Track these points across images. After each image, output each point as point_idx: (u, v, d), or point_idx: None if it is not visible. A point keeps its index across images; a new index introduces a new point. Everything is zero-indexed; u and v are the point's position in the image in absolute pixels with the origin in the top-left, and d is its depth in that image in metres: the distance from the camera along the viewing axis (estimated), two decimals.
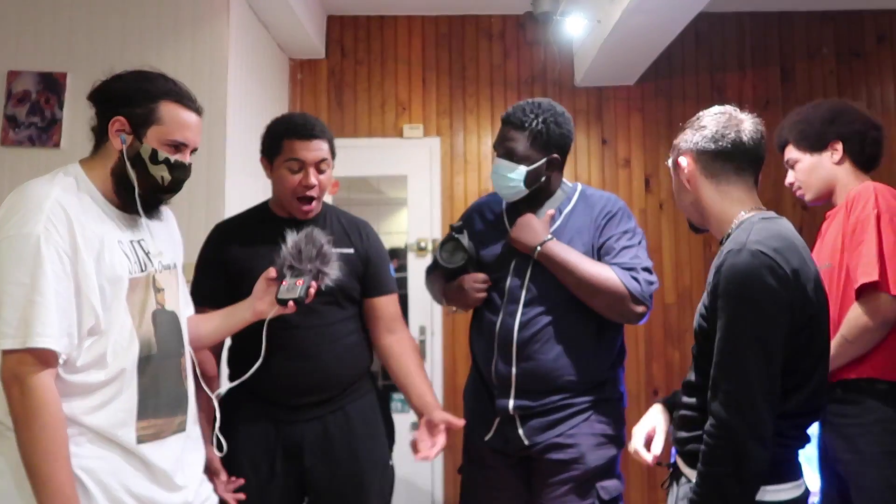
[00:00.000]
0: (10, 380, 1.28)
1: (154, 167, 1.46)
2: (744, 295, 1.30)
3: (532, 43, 3.65)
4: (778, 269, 1.30)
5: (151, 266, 1.50)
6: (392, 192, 3.68)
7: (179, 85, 1.52)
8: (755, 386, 1.28)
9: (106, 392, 1.38)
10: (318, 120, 1.90)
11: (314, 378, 1.84)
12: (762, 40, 3.67)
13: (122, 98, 1.45)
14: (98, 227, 1.40)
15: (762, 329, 1.29)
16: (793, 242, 1.36)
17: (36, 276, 1.28)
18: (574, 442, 1.84)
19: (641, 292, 1.79)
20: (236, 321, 1.74)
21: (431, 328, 3.49)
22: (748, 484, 1.28)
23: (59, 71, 2.54)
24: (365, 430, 1.91)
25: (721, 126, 1.49)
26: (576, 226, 1.91)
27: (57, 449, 1.27)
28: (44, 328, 1.27)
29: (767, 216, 1.43)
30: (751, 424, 1.27)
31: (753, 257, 1.30)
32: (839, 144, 1.92)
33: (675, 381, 3.48)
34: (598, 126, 3.63)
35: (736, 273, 1.31)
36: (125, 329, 1.41)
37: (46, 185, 1.38)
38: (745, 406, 1.28)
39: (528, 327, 1.85)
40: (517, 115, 1.89)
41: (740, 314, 1.30)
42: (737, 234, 1.39)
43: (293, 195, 1.85)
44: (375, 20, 3.63)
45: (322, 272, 1.72)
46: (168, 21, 2.57)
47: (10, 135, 2.51)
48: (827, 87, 3.64)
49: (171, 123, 1.47)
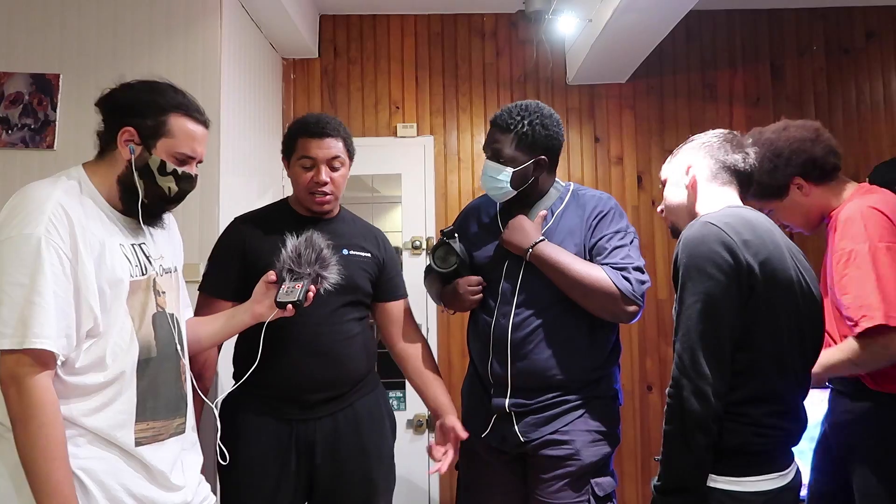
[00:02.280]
0: (8, 380, 1.29)
1: (162, 178, 1.48)
2: (691, 259, 1.38)
3: (524, 41, 3.66)
4: (724, 236, 1.37)
5: (152, 269, 1.52)
6: (386, 190, 3.68)
7: (188, 97, 1.54)
8: (697, 342, 1.34)
9: (105, 394, 1.38)
10: (333, 118, 1.95)
11: (329, 374, 1.87)
12: (752, 37, 3.69)
13: (131, 108, 1.47)
14: (99, 230, 1.41)
15: (705, 289, 1.35)
16: (750, 222, 1.42)
17: (35, 277, 1.29)
18: (569, 438, 1.85)
19: (633, 292, 1.80)
20: (236, 323, 1.76)
21: (426, 326, 3.50)
22: (691, 438, 1.33)
23: (51, 72, 2.53)
24: (372, 426, 1.95)
25: (728, 151, 1.57)
26: (567, 226, 1.93)
27: (54, 448, 1.28)
28: (42, 329, 1.28)
29: (735, 205, 1.51)
30: (691, 379, 1.33)
31: (703, 227, 1.40)
32: (798, 179, 1.86)
33: (668, 376, 3.48)
34: (590, 124, 3.64)
35: (687, 242, 1.40)
36: (125, 331, 1.42)
37: (49, 188, 1.39)
38: (688, 362, 1.34)
39: (521, 328, 1.87)
40: (503, 117, 1.91)
41: (687, 277, 1.38)
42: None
43: (306, 191, 1.91)
44: (368, 19, 3.64)
45: (321, 276, 1.75)
46: (160, 21, 2.57)
47: (3, 137, 2.50)
48: (816, 83, 3.67)
49: (180, 136, 1.49)
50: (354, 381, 1.93)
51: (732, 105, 3.66)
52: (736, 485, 1.35)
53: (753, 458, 1.36)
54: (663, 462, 1.38)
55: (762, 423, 1.37)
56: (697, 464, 1.34)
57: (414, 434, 3.36)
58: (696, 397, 1.32)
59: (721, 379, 1.33)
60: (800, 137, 1.87)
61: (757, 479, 1.35)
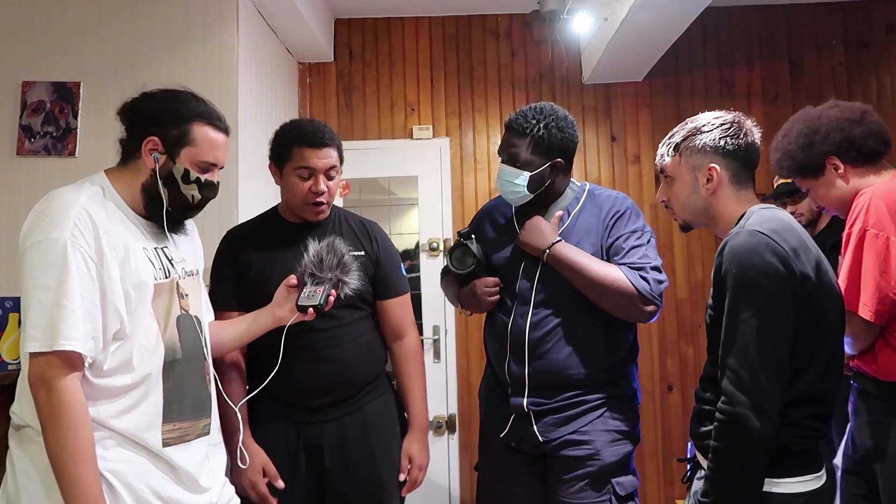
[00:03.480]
0: (38, 382, 1.31)
1: (186, 186, 1.51)
2: (743, 272, 1.33)
3: (539, 41, 3.65)
4: (776, 246, 1.33)
5: (175, 272, 1.54)
6: (403, 192, 3.69)
7: (209, 105, 1.57)
8: (757, 360, 1.30)
9: (132, 396, 1.41)
10: (327, 126, 1.92)
11: (331, 378, 1.86)
12: (770, 33, 3.66)
13: (155, 118, 1.50)
14: (123, 234, 1.44)
15: (762, 303, 1.31)
16: (790, 225, 1.40)
17: (62, 281, 1.31)
18: (589, 438, 1.85)
19: (650, 291, 1.80)
20: (257, 327, 1.77)
21: (445, 327, 3.51)
22: (752, 457, 1.30)
23: (72, 80, 2.57)
24: (382, 430, 1.93)
25: (742, 133, 1.52)
26: (584, 226, 1.92)
27: (83, 450, 1.30)
28: (70, 331, 1.30)
29: (765, 206, 1.48)
30: (753, 397, 1.29)
31: (751, 236, 1.35)
32: (834, 159, 1.82)
33: (689, 376, 3.47)
34: (606, 123, 3.63)
35: (735, 252, 1.35)
36: (151, 333, 1.45)
37: (73, 193, 1.42)
38: (747, 379, 1.30)
39: (538, 328, 1.87)
40: (519, 121, 1.91)
41: (741, 290, 1.33)
42: (741, 222, 1.44)
43: (304, 202, 1.88)
44: (382, 22, 3.65)
45: (342, 281, 1.77)
46: (178, 28, 2.60)
47: (26, 145, 2.54)
48: (836, 78, 3.63)
49: (203, 144, 1.52)
50: (360, 385, 1.91)
51: (750, 102, 3.63)
52: (776, 486, 1.33)
53: (793, 459, 1.34)
54: (716, 479, 1.33)
55: (803, 425, 1.35)
56: (757, 482, 1.32)
57: (433, 435, 3.37)
58: (758, 416, 1.28)
59: (781, 395, 1.31)
60: (842, 117, 1.83)
61: (795, 479, 1.34)
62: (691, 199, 1.55)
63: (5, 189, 2.53)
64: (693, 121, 1.56)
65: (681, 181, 1.55)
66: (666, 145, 1.58)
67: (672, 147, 1.56)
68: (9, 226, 2.51)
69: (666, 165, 1.58)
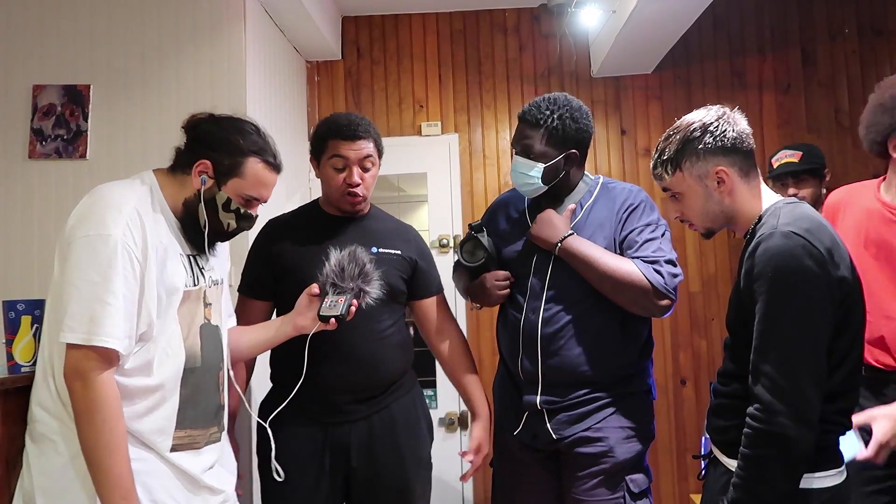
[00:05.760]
0: (74, 374, 1.33)
1: (224, 214, 1.55)
2: (781, 276, 1.29)
3: (547, 35, 3.63)
4: (812, 248, 1.29)
5: (203, 281, 1.57)
6: (412, 189, 3.69)
7: (269, 141, 1.59)
8: (799, 368, 1.27)
9: (150, 399, 1.43)
10: (363, 119, 1.95)
11: (361, 377, 1.87)
12: (782, 22, 3.61)
13: (213, 143, 1.53)
14: (165, 238, 1.47)
15: (802, 309, 1.28)
16: (820, 222, 1.36)
17: (109, 278, 1.34)
18: (603, 435, 1.84)
19: (665, 285, 1.78)
20: (278, 335, 1.79)
21: None
22: (794, 467, 1.27)
23: (82, 83, 2.58)
24: (408, 428, 1.95)
25: (731, 124, 1.47)
26: (597, 219, 1.91)
27: (117, 443, 1.33)
28: (112, 329, 1.33)
29: (790, 201, 1.44)
30: (796, 407, 1.26)
31: (787, 238, 1.30)
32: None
33: (702, 370, 3.44)
34: (616, 116, 3.60)
35: (771, 255, 1.30)
36: (174, 339, 1.47)
37: (126, 190, 1.45)
38: (788, 389, 1.26)
39: (551, 324, 1.85)
40: (532, 112, 1.89)
41: (779, 296, 1.29)
42: (767, 219, 1.39)
43: (340, 193, 1.92)
44: (390, 19, 3.64)
45: (363, 290, 1.78)
46: (186, 29, 2.60)
47: (38, 148, 2.56)
48: (850, 67, 3.57)
49: (251, 179, 1.55)
50: (388, 384, 1.93)
51: (762, 93, 3.58)
52: (804, 482, 1.31)
53: (818, 454, 1.32)
54: (749, 486, 1.29)
55: (830, 420, 1.33)
56: (795, 489, 1.29)
57: (446, 432, 3.37)
58: (800, 423, 1.25)
59: (820, 400, 1.28)
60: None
61: (820, 475, 1.32)
62: (708, 207, 1.48)
63: (18, 193, 2.55)
64: (677, 131, 1.48)
65: (691, 194, 1.48)
66: (661, 164, 1.50)
67: (669, 164, 1.48)
68: (21, 230, 2.52)
69: (670, 184, 1.51)
